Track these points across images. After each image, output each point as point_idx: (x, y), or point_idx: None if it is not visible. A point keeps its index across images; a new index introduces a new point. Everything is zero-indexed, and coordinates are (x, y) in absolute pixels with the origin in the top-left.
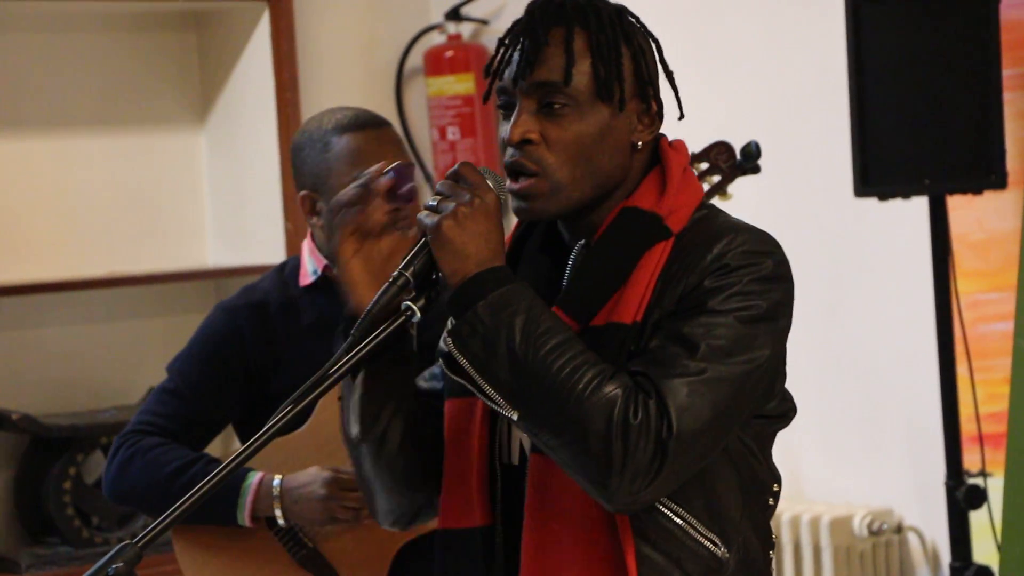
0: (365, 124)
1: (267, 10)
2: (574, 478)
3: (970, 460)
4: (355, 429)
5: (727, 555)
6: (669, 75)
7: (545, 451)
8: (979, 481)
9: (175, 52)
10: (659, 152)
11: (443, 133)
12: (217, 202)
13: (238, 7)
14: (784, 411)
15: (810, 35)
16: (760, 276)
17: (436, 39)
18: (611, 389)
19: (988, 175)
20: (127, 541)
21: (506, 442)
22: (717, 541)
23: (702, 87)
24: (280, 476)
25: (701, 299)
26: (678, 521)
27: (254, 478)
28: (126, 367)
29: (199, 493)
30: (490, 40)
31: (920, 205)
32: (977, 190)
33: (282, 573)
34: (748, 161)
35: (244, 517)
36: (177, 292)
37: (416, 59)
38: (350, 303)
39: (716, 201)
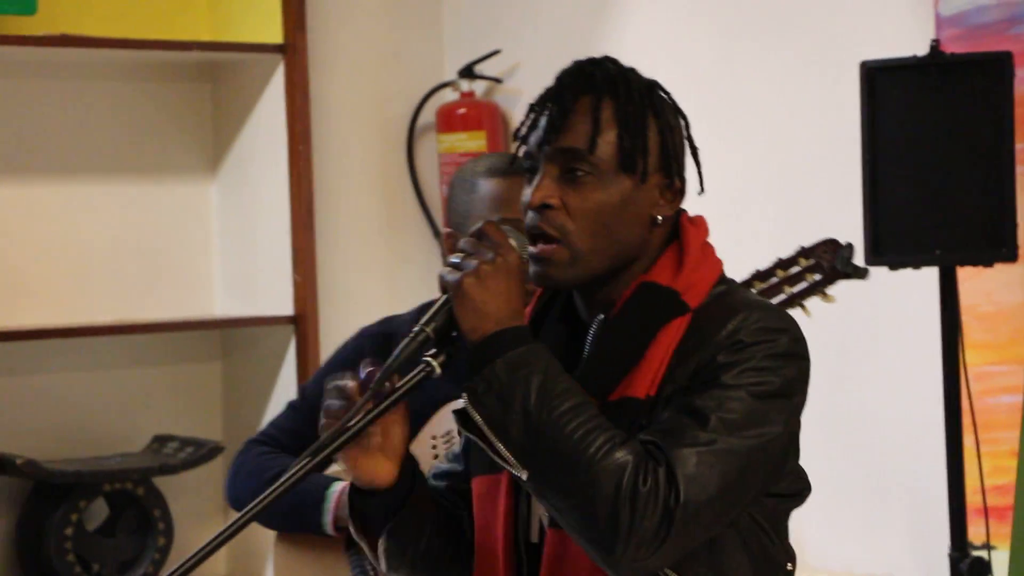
0: (511, 171)
1: (282, 63)
2: (579, 543)
3: (974, 532)
4: (384, 567)
5: None
6: (694, 152)
7: (553, 514)
8: (983, 554)
9: (189, 102)
10: (678, 227)
11: None
12: (226, 252)
13: (253, 59)
14: (798, 490)
15: (824, 103)
16: (774, 352)
17: (449, 96)
18: (622, 455)
19: (999, 247)
20: None
21: (527, 519)
22: None
23: (714, 153)
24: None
25: (714, 373)
26: None
27: (337, 487)
28: (131, 415)
29: (217, 541)
30: (503, 98)
31: (930, 276)
32: (988, 262)
33: None
34: (843, 265)
35: (327, 524)
36: (184, 341)
37: (428, 115)
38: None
39: (819, 302)
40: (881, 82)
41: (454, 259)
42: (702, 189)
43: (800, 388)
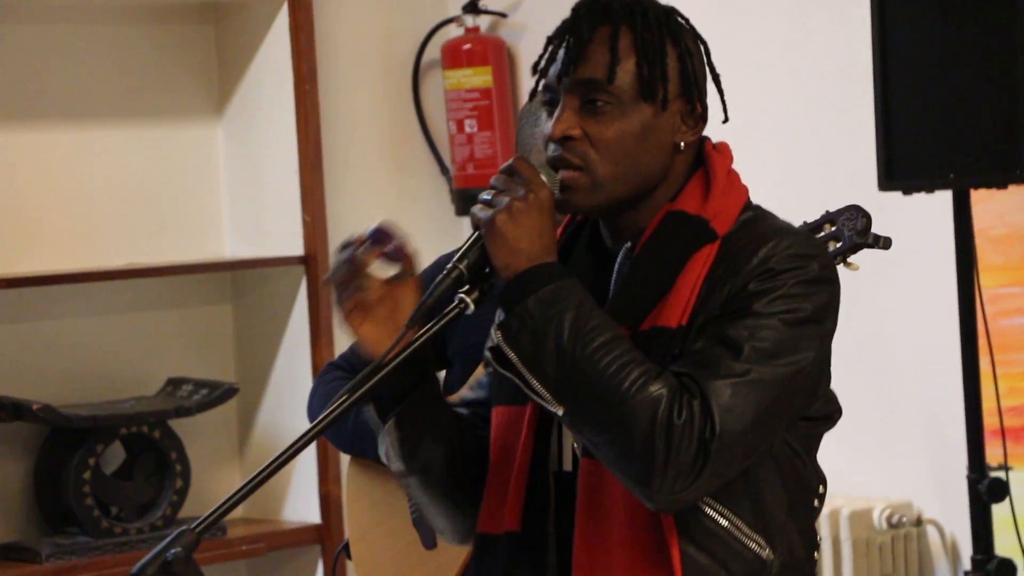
0: None
1: (286, 3)
2: (617, 476)
3: (990, 454)
4: (397, 466)
5: (772, 557)
6: (716, 78)
7: (589, 448)
8: (1001, 474)
9: (193, 44)
10: (703, 154)
11: (460, 126)
12: (235, 194)
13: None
14: (829, 413)
15: (835, 30)
16: (805, 279)
17: (454, 32)
18: (656, 388)
19: (1013, 169)
20: (185, 527)
21: (557, 450)
22: (762, 543)
23: (727, 82)
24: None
25: (746, 302)
26: (723, 523)
27: None
28: (144, 358)
29: (246, 488)
30: (508, 33)
31: (943, 199)
32: (1002, 184)
33: (404, 526)
34: (860, 236)
35: (383, 454)
36: (194, 284)
37: (434, 52)
38: (364, 354)
39: (841, 270)
40: (892, 7)
41: (485, 196)
42: (726, 117)
43: (831, 313)
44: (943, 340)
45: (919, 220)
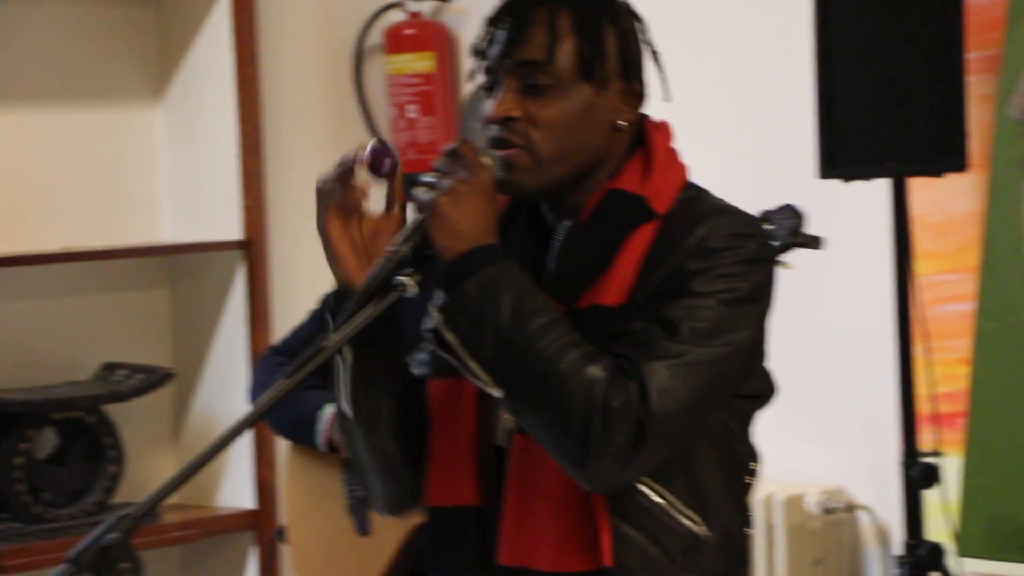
0: None
1: None
2: (554, 458)
3: (923, 440)
4: (347, 407)
5: (707, 533)
6: (655, 56)
7: (528, 430)
8: (932, 460)
9: (133, 26)
10: (643, 133)
11: (402, 111)
12: (173, 178)
13: None
14: (764, 391)
15: (777, 17)
16: (743, 258)
17: (396, 17)
18: (594, 371)
19: (950, 158)
20: (122, 512)
21: (491, 423)
22: (697, 519)
23: (668, 68)
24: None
25: (684, 281)
26: (658, 500)
27: (330, 409)
28: (79, 343)
29: (186, 473)
30: (451, 19)
31: (881, 187)
32: (939, 173)
33: (340, 511)
34: (791, 236)
35: (320, 444)
36: (131, 268)
37: (376, 37)
38: (337, 277)
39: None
40: None
41: (428, 178)
42: (666, 94)
43: (768, 292)
44: (878, 327)
45: (858, 208)
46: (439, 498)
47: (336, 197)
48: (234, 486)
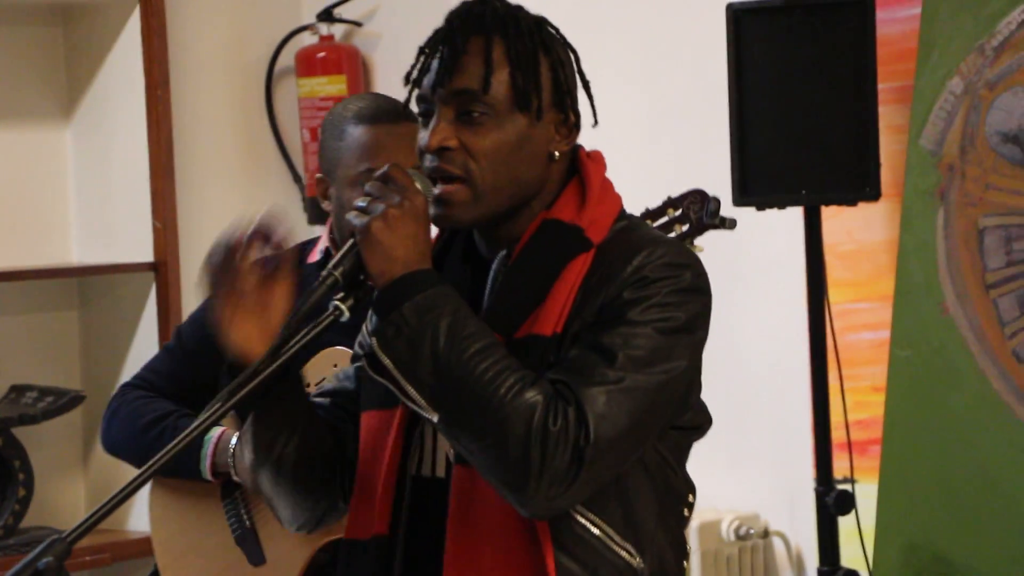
0: (380, 118)
1: (138, 6)
2: (491, 483)
3: (836, 467)
4: (249, 457)
5: (642, 565)
6: (586, 85)
7: (464, 455)
8: (847, 487)
9: (41, 46)
10: (577, 163)
11: (314, 134)
12: (82, 199)
13: (108, 1)
14: (700, 423)
15: (690, 44)
16: (679, 288)
17: (308, 40)
18: (532, 395)
19: (863, 187)
20: (55, 536)
21: (431, 455)
22: (633, 551)
23: (581, 96)
24: (238, 433)
25: (620, 310)
26: (595, 531)
27: (215, 433)
28: None
29: (121, 496)
30: (363, 42)
31: (794, 215)
32: (852, 202)
33: (221, 546)
34: (709, 217)
35: (205, 470)
36: (40, 289)
37: (287, 59)
38: (230, 352)
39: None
40: (747, 24)
41: (360, 203)
42: (596, 122)
43: (703, 323)
44: (791, 354)
45: (770, 236)
46: (352, 530)
47: (225, 286)
48: (144, 509)
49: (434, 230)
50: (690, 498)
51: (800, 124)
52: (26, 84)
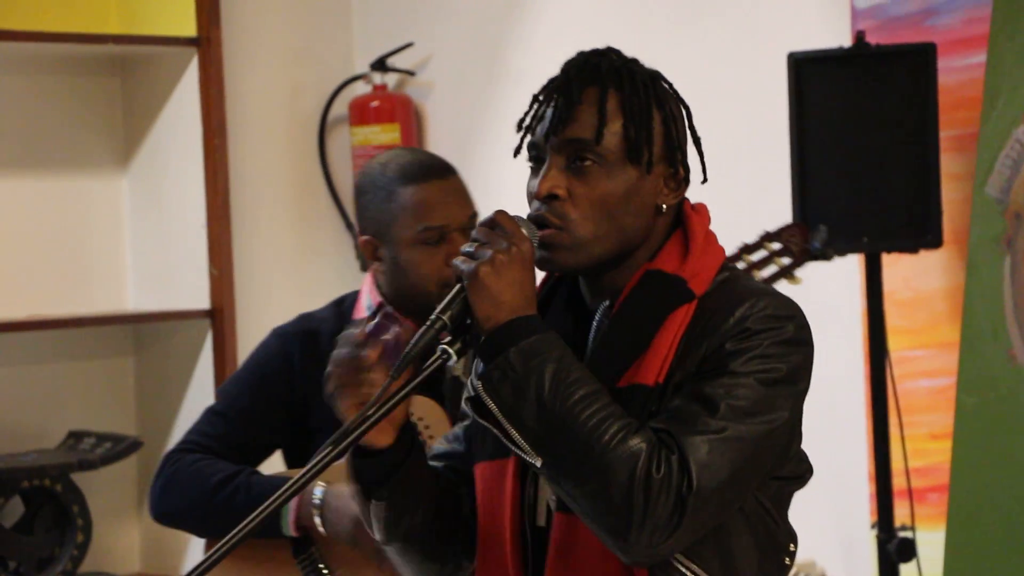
0: (429, 174)
1: (196, 56)
2: (593, 529)
3: (895, 515)
4: (379, 536)
5: None
6: (697, 142)
7: (567, 501)
8: (908, 534)
9: (100, 96)
10: (681, 215)
11: None
12: (139, 246)
13: (166, 52)
14: (801, 472)
15: (753, 92)
16: (781, 340)
17: (361, 89)
18: (636, 442)
19: (924, 235)
20: None
21: (533, 504)
22: None
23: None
24: (323, 485)
25: (723, 361)
26: None
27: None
28: (45, 410)
29: (232, 541)
30: (416, 91)
31: (851, 262)
32: (913, 249)
33: None
34: (818, 248)
35: (288, 525)
36: (97, 336)
37: (341, 108)
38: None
39: (785, 286)
40: (808, 73)
41: (467, 248)
42: (705, 178)
43: (805, 374)
44: (848, 400)
45: (829, 282)
46: None
47: (354, 396)
48: (199, 556)
49: (539, 275)
50: (791, 547)
51: (861, 172)
52: (85, 133)
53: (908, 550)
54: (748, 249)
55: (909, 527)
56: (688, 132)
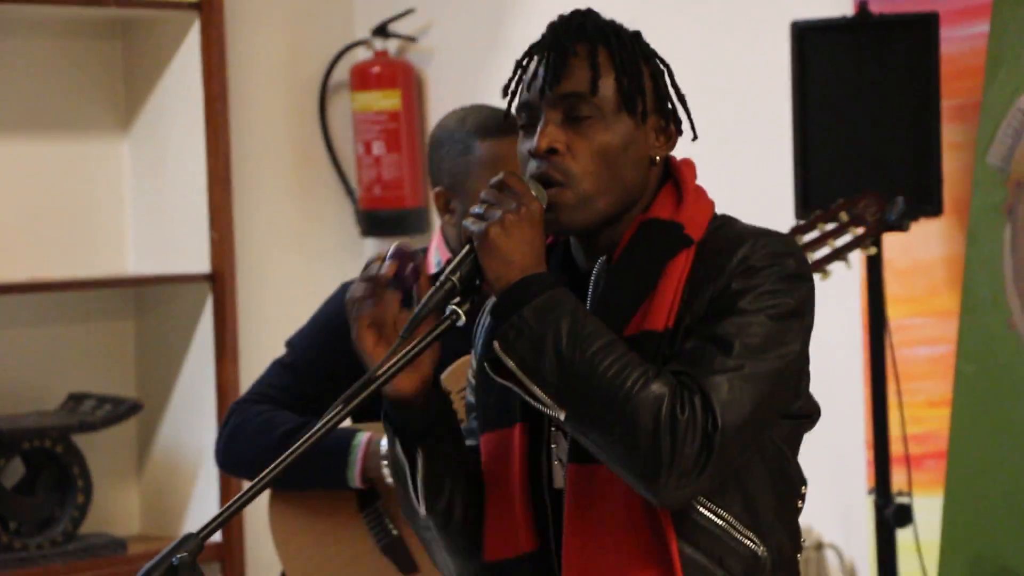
0: (506, 130)
1: (197, 20)
2: (621, 475)
3: (892, 480)
4: (421, 507)
5: (765, 553)
6: (681, 97)
7: (593, 451)
8: (905, 500)
9: (100, 59)
10: (670, 168)
11: (368, 148)
12: (139, 210)
13: (167, 16)
14: (810, 411)
15: (754, 61)
16: (786, 275)
17: (362, 54)
18: (658, 386)
19: (925, 203)
20: (190, 532)
21: (546, 468)
22: (755, 539)
23: None
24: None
25: (731, 300)
26: (718, 522)
27: (363, 437)
28: (46, 372)
29: (252, 492)
30: (417, 57)
31: None
32: (915, 217)
33: (365, 556)
34: (896, 218)
35: (354, 477)
36: (98, 299)
37: (342, 74)
38: (384, 392)
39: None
40: (810, 41)
41: (477, 210)
42: (695, 135)
43: (811, 308)
44: (845, 368)
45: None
46: (499, 551)
47: (368, 313)
48: (199, 517)
49: None
50: (803, 489)
51: (862, 140)
52: (85, 96)
53: (905, 516)
54: (824, 218)
55: (906, 493)
56: (672, 88)
